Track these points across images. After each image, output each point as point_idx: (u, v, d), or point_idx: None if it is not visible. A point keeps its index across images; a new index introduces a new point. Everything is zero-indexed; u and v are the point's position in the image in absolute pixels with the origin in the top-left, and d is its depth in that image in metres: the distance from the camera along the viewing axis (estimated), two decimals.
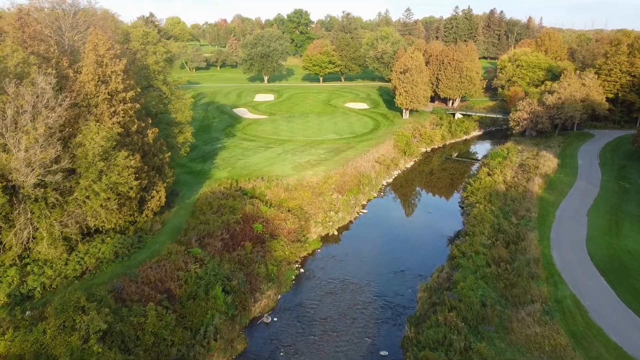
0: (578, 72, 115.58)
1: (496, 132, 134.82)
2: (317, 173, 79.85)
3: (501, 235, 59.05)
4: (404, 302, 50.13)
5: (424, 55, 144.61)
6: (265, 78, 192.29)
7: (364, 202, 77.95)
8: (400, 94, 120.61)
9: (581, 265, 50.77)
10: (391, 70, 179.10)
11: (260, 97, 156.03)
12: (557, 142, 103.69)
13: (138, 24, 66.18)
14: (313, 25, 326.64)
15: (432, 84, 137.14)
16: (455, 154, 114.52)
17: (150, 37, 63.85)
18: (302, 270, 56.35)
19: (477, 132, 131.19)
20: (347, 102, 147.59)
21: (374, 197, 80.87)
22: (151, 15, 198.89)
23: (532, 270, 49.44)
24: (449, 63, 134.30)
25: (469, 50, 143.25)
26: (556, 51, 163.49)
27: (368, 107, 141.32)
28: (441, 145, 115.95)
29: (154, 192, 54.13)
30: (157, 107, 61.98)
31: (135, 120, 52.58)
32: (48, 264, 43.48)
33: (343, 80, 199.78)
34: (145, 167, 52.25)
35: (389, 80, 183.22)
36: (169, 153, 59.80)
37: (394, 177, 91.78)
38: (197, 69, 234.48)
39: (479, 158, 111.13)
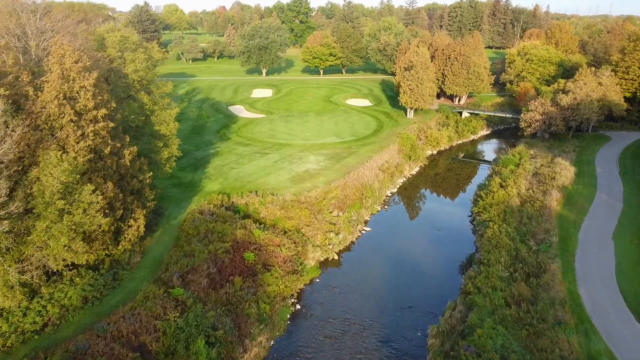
0: (593, 69, 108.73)
1: (504, 130, 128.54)
2: (316, 185, 73.81)
3: (520, 265, 53.08)
4: (412, 349, 44.31)
5: (429, 48, 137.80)
6: (264, 71, 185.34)
7: (367, 218, 71.95)
8: (404, 92, 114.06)
9: (613, 306, 44.89)
10: (394, 63, 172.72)
11: (257, 93, 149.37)
12: (572, 146, 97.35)
13: (114, 29, 59.25)
14: (313, 14, 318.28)
15: (438, 80, 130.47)
16: (462, 155, 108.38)
17: (129, 42, 57.24)
18: (298, 306, 50.49)
19: (485, 132, 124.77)
20: (348, 98, 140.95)
21: (378, 211, 74.83)
22: (146, 4, 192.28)
23: (558, 314, 43.55)
24: (456, 58, 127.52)
25: (476, 43, 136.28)
26: (567, 44, 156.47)
27: (370, 104, 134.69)
28: (448, 147, 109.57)
29: (132, 220, 48.14)
30: (138, 119, 55.75)
31: (109, 141, 46.41)
32: (4, 316, 37.65)
33: (344, 72, 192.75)
34: (121, 194, 46.19)
35: (392, 74, 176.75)
36: (151, 173, 53.72)
37: (398, 186, 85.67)
38: (194, 60, 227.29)
39: (488, 159, 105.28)
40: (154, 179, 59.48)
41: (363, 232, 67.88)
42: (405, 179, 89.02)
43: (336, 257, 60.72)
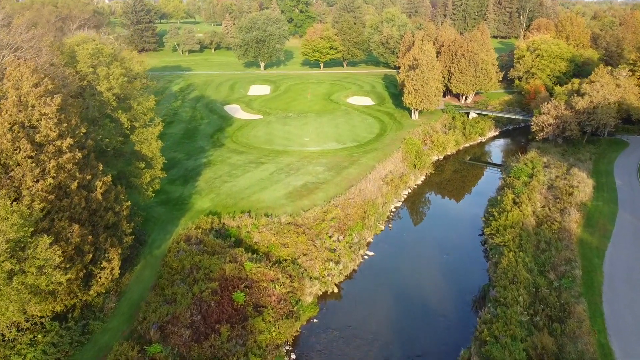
0: (609, 68, 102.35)
1: (513, 131, 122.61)
2: (315, 202, 68.16)
3: (541, 306, 47.54)
4: None
5: (434, 44, 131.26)
6: (262, 64, 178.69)
7: (370, 239, 66.32)
8: (409, 93, 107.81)
9: None
10: (397, 57, 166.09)
11: (255, 90, 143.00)
12: (588, 153, 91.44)
13: (87, 39, 52.96)
14: (314, 2, 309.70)
15: (444, 77, 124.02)
16: (469, 157, 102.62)
17: (103, 55, 51.10)
18: (293, 355, 45.07)
19: (493, 132, 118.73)
20: (349, 96, 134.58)
21: (381, 230, 69.19)
22: None
23: None
24: (463, 55, 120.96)
25: (483, 38, 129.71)
26: (578, 37, 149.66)
27: (373, 103, 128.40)
28: (455, 152, 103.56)
29: (105, 262, 42.56)
30: (115, 141, 49.90)
31: (77, 174, 40.67)
32: None
33: (345, 66, 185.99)
34: (90, 236, 40.51)
35: (395, 67, 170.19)
36: (129, 203, 48.03)
37: (403, 199, 79.98)
38: (190, 51, 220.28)
39: (497, 162, 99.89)
40: (135, 205, 53.82)
41: (366, 257, 62.29)
42: (410, 190, 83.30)
43: (336, 290, 55.21)
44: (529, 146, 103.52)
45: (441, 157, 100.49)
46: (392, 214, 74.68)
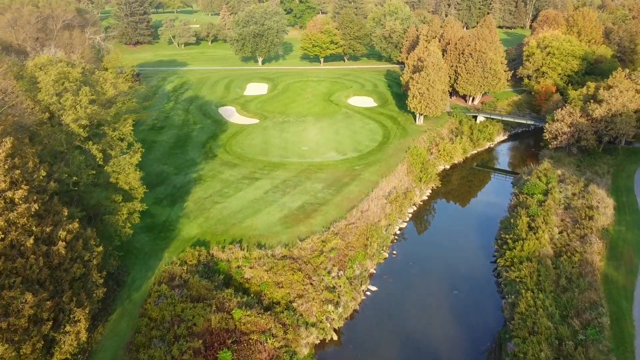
0: (627, 71, 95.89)
1: (523, 134, 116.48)
2: (313, 229, 62.66)
3: None
4: None
5: (439, 41, 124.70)
6: (260, 59, 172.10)
7: (372, 270, 60.83)
8: (413, 97, 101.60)
9: None
10: (400, 52, 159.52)
11: (251, 89, 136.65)
12: (605, 165, 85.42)
13: (53, 61, 46.87)
14: None
15: (450, 77, 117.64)
16: (476, 164, 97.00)
17: (70, 81, 45.00)
18: None
19: (502, 137, 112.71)
20: (350, 96, 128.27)
21: (385, 258, 63.58)
22: None
23: None
24: (471, 54, 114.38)
25: (492, 36, 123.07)
26: (590, 32, 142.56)
27: (375, 104, 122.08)
28: (462, 160, 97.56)
29: (69, 326, 37.09)
30: (85, 175, 44.15)
31: (34, 228, 35.06)
32: None
33: (346, 60, 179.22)
34: (49, 301, 34.97)
35: (399, 62, 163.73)
36: (100, 248, 42.42)
37: (408, 218, 74.32)
38: (186, 44, 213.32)
39: (507, 169, 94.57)
40: (113, 239, 48.21)
41: (368, 293, 56.80)
42: (415, 208, 77.64)
43: (335, 337, 49.80)
44: (540, 154, 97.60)
45: (448, 167, 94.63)
46: (396, 237, 69.06)
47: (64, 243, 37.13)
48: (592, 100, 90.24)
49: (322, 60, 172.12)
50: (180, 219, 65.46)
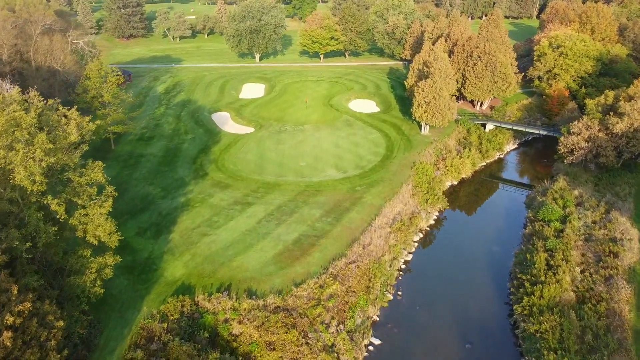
0: None
1: (534, 141, 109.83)
2: (310, 269, 56.97)
3: None
4: None
5: (446, 41, 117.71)
6: (257, 56, 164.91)
7: (375, 316, 55.00)
8: (419, 105, 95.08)
9: None
10: (404, 48, 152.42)
11: (247, 91, 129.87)
12: (626, 185, 79.30)
13: (4, 103, 40.42)
14: None
15: (457, 81, 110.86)
16: (486, 175, 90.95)
17: (20, 130, 38.41)
18: None
19: (512, 146, 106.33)
20: (351, 99, 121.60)
21: (389, 300, 57.71)
22: None
23: None
24: (479, 57, 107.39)
25: (502, 36, 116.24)
26: (604, 30, 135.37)
27: (378, 109, 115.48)
28: (471, 175, 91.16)
29: None
30: (44, 235, 38.08)
31: None
32: None
33: (347, 56, 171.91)
34: None
35: (402, 59, 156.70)
36: (61, 322, 36.55)
37: (414, 248, 68.31)
38: (182, 38, 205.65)
39: (517, 180, 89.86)
40: (77, 310, 42.28)
41: (371, 347, 51.04)
42: (422, 234, 71.64)
43: None
44: (554, 168, 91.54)
45: (456, 182, 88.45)
46: (401, 272, 63.13)
47: (9, 333, 31.26)
48: (611, 113, 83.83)
49: (322, 56, 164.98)
50: (164, 256, 59.66)
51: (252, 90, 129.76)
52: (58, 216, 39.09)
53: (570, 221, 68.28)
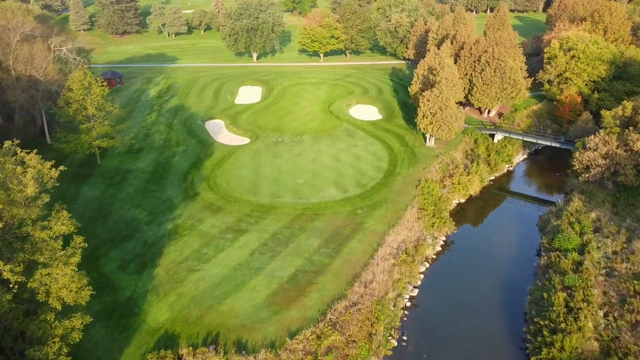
0: None
1: (544, 149, 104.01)
2: (306, 314, 51.98)
3: None
4: None
5: (451, 43, 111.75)
6: (254, 55, 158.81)
7: None
8: (424, 116, 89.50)
9: None
10: (407, 48, 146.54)
11: (243, 95, 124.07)
12: None
13: None
14: None
15: (464, 87, 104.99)
16: (495, 190, 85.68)
17: None
18: None
19: (521, 156, 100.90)
20: (352, 104, 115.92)
21: (394, 347, 52.52)
22: None
23: None
24: (488, 62, 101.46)
25: (511, 39, 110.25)
26: (618, 30, 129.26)
27: (380, 116, 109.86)
28: (479, 191, 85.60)
29: None
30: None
31: None
32: None
33: (348, 55, 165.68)
34: None
35: (404, 59, 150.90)
36: None
37: (419, 281, 62.99)
38: (177, 34, 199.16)
39: (527, 193, 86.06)
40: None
41: None
42: (428, 264, 66.37)
43: None
44: (568, 183, 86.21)
45: (463, 200, 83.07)
46: (406, 311, 57.91)
47: None
48: (631, 128, 78.32)
49: (321, 56, 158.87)
50: (148, 295, 54.60)
51: (249, 95, 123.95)
52: (11, 285, 33.87)
53: (589, 251, 63.07)
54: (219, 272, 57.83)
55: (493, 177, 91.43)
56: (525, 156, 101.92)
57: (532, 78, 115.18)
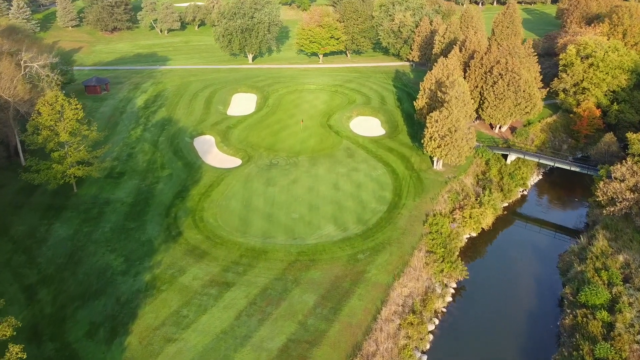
0: None
1: (559, 168, 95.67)
2: None
3: None
4: None
5: (460, 51, 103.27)
6: (250, 56, 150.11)
7: None
8: (432, 139, 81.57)
9: None
10: (411, 49, 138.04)
11: (237, 104, 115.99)
12: None
13: None
14: None
15: (473, 100, 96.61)
16: (511, 217, 78.02)
17: None
18: None
19: (536, 178, 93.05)
20: (353, 116, 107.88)
21: None
22: None
23: None
24: (500, 75, 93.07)
25: (527, 49, 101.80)
26: (638, 34, 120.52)
27: (383, 131, 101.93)
28: (492, 223, 77.81)
29: None
30: None
31: None
32: None
33: (349, 56, 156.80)
34: None
35: (408, 60, 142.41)
36: None
37: (428, 344, 55.52)
38: (170, 30, 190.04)
39: (544, 218, 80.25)
40: None
41: None
42: (437, 321, 58.87)
43: None
44: (589, 213, 78.74)
45: (475, 235, 75.49)
46: None
47: None
48: None
49: (321, 57, 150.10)
50: None
51: (242, 104, 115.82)
52: None
53: (619, 310, 55.62)
54: (199, 343, 50.48)
55: (506, 204, 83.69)
56: (540, 177, 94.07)
57: (547, 89, 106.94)
